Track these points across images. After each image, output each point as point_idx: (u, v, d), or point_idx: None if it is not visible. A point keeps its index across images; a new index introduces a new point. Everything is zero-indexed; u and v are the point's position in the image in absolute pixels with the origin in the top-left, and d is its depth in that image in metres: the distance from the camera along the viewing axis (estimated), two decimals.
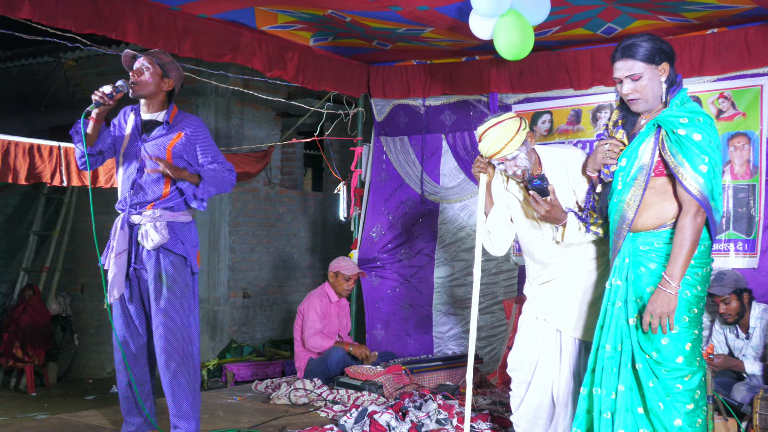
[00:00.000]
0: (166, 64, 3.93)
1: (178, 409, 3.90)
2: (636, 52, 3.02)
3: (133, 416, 4.05)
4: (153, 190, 3.89)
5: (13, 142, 4.59)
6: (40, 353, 7.79)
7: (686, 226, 2.93)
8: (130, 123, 3.97)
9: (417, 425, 4.26)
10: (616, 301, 3.09)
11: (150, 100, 3.93)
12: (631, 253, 3.09)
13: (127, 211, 3.93)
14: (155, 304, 3.86)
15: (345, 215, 6.65)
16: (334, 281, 5.94)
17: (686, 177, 2.92)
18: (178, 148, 3.91)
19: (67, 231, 8.83)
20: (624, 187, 3.09)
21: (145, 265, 3.89)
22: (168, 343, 3.86)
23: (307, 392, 5.26)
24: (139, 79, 3.86)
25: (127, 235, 3.92)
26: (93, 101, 3.68)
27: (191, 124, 3.98)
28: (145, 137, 3.92)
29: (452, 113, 6.27)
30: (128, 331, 3.99)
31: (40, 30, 4.40)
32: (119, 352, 3.99)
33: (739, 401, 4.24)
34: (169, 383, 3.88)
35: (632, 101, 3.08)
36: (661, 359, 2.98)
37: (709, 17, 4.80)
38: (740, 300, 4.51)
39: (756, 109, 5.02)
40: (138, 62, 3.89)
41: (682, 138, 2.93)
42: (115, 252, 3.91)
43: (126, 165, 3.96)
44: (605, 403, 3.06)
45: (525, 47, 4.26)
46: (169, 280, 3.86)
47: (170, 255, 3.88)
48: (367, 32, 5.55)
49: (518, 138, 3.40)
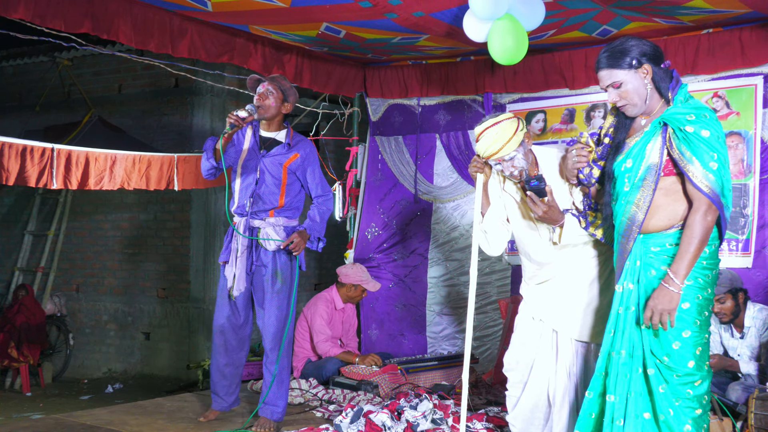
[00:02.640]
0: (287, 89, 4.46)
1: (278, 389, 4.44)
2: (613, 60, 3.02)
3: (228, 394, 4.61)
4: (270, 200, 4.43)
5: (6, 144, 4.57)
6: (35, 353, 7.79)
7: (695, 223, 2.90)
8: (248, 139, 4.47)
9: (412, 425, 4.26)
10: (630, 305, 3.06)
11: (270, 120, 4.45)
12: (642, 255, 3.06)
13: (248, 217, 4.42)
14: (270, 297, 4.42)
15: (340, 215, 6.65)
16: (348, 290, 5.91)
17: (696, 175, 2.89)
18: (293, 167, 4.45)
19: (62, 231, 8.83)
20: (632, 188, 3.05)
21: (263, 262, 4.42)
22: (278, 330, 4.43)
23: (302, 392, 5.27)
24: (264, 102, 4.37)
25: (248, 237, 4.43)
26: (228, 123, 4.13)
27: (306, 147, 4.53)
28: (264, 153, 4.43)
29: (446, 113, 6.27)
30: (233, 319, 4.53)
31: (35, 30, 4.39)
32: (218, 336, 4.54)
33: (734, 401, 4.25)
34: (274, 365, 4.42)
35: (622, 107, 3.10)
36: (672, 364, 2.95)
37: (704, 20, 4.81)
38: (735, 300, 4.51)
39: (750, 108, 5.02)
40: (263, 87, 4.41)
41: (690, 135, 2.90)
42: (240, 251, 4.42)
43: (244, 176, 4.46)
44: (619, 410, 3.02)
45: (519, 52, 4.27)
46: (283, 275, 4.42)
47: (285, 254, 4.43)
48: (361, 46, 5.58)
49: (516, 139, 3.41)
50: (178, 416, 4.75)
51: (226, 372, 4.58)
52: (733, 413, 4.11)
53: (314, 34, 5.26)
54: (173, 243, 8.22)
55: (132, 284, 8.50)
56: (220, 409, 4.64)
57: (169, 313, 8.20)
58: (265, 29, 5.20)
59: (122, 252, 8.56)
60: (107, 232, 8.69)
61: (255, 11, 4.73)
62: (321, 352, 5.71)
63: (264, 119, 4.43)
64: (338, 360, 5.63)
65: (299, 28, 5.15)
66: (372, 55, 5.98)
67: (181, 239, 8.14)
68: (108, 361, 8.62)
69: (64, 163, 4.83)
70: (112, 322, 8.62)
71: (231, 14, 4.83)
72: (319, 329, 5.72)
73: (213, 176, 4.38)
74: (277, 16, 4.83)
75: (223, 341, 4.54)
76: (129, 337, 8.50)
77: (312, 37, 5.32)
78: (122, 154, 5.23)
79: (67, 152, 4.88)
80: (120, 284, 8.60)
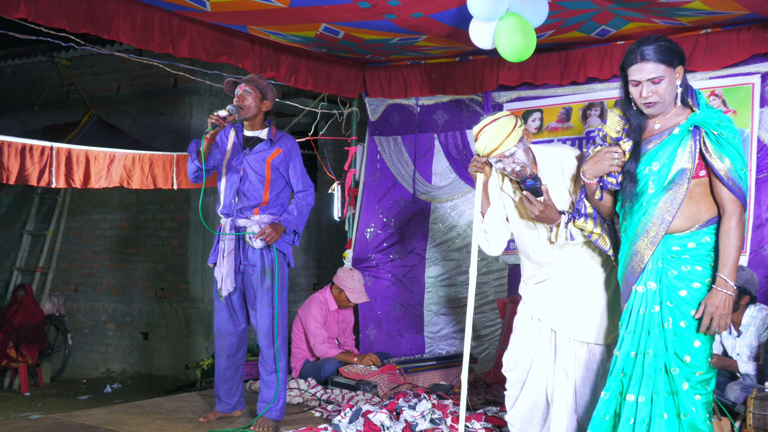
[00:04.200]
0: (264, 87, 4.50)
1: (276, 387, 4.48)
2: (663, 55, 3.02)
3: (229, 397, 4.65)
4: (255, 196, 4.46)
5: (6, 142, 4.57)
6: (34, 353, 7.78)
7: (736, 227, 3.00)
8: (231, 139, 4.53)
9: (411, 425, 4.27)
10: (653, 305, 3.10)
11: (252, 120, 4.50)
12: (662, 255, 3.11)
13: (234, 216, 4.45)
14: (260, 295, 4.46)
15: (339, 215, 6.65)
16: (338, 296, 5.89)
17: (731, 177, 2.97)
18: (276, 162, 4.50)
19: (61, 231, 8.83)
20: (659, 190, 3.08)
21: (252, 261, 4.45)
22: (272, 328, 4.46)
23: (301, 392, 5.27)
24: (243, 104, 4.41)
25: (235, 236, 4.46)
26: (209, 123, 4.18)
27: (288, 142, 4.59)
28: (248, 151, 4.49)
29: (445, 113, 6.27)
30: (231, 321, 4.58)
31: (34, 29, 4.40)
32: (220, 340, 4.58)
33: (733, 401, 4.25)
34: (270, 363, 4.48)
35: (650, 104, 3.07)
36: (693, 363, 3.02)
37: (702, 21, 4.81)
38: (738, 298, 4.51)
39: (747, 107, 5.03)
40: (240, 88, 4.46)
41: (722, 139, 2.98)
42: (226, 252, 4.46)
43: (228, 175, 4.52)
44: (644, 410, 3.07)
45: (528, 48, 4.22)
46: (272, 273, 4.46)
47: (273, 251, 4.46)
48: (360, 46, 5.58)
49: (515, 134, 3.40)
50: (177, 416, 4.76)
51: (227, 376, 4.63)
52: (732, 413, 4.12)
53: (313, 35, 5.26)
54: (172, 243, 8.22)
55: (130, 284, 8.50)
56: (222, 412, 4.68)
57: (167, 313, 8.20)
58: (264, 30, 5.21)
59: (121, 252, 8.56)
60: (106, 231, 8.69)
61: (254, 11, 4.73)
62: (319, 354, 5.69)
63: (246, 120, 4.49)
64: (337, 360, 5.63)
65: (298, 29, 5.16)
66: (371, 55, 5.99)
67: (180, 239, 8.14)
68: (106, 361, 8.62)
69: (64, 162, 4.85)
70: (110, 322, 8.62)
71: (230, 14, 4.84)
72: (314, 332, 5.71)
73: (198, 178, 4.42)
74: (275, 17, 4.83)
75: (225, 345, 4.59)
76: (127, 337, 8.50)
77: (311, 37, 5.33)
78: (121, 152, 5.24)
79: (66, 151, 4.88)
80: (118, 284, 8.60)
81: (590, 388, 3.53)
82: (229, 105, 4.32)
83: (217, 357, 4.65)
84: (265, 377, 4.51)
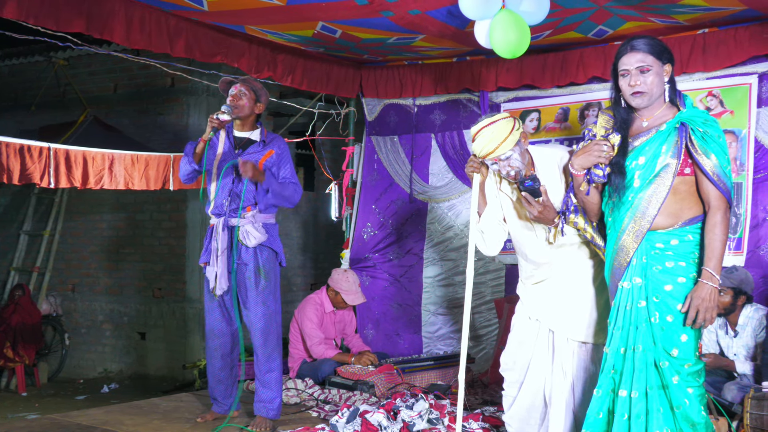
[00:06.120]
0: (258, 90, 4.55)
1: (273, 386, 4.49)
2: (651, 47, 3.11)
3: (226, 397, 4.64)
4: (248, 198, 4.45)
5: (4, 143, 4.57)
6: (31, 353, 7.77)
7: (721, 221, 3.04)
8: (222, 140, 4.53)
9: (408, 425, 4.27)
10: (639, 300, 3.14)
11: (244, 121, 4.52)
12: (646, 251, 3.14)
13: (226, 216, 4.44)
14: (254, 294, 4.45)
15: (336, 215, 6.65)
16: (334, 298, 5.87)
17: (716, 173, 3.02)
18: (269, 163, 4.50)
19: (58, 230, 8.82)
20: (644, 184, 3.13)
21: (245, 260, 4.45)
22: (266, 327, 4.46)
23: (298, 392, 5.27)
24: (238, 103, 4.44)
25: (227, 236, 4.45)
26: (210, 127, 4.27)
27: (279, 144, 4.60)
28: (240, 152, 4.50)
29: (442, 113, 6.28)
30: (224, 321, 4.57)
31: (31, 29, 4.37)
32: (213, 340, 4.57)
33: (730, 400, 4.25)
34: (265, 362, 4.48)
35: (636, 95, 3.12)
36: (681, 356, 3.06)
37: (700, 19, 4.82)
38: (734, 299, 4.51)
39: (744, 107, 5.04)
40: (235, 88, 4.49)
41: (707, 137, 3.04)
42: (219, 251, 4.45)
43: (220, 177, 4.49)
44: (639, 405, 3.09)
45: (521, 44, 4.23)
46: (265, 272, 4.47)
47: (266, 250, 4.48)
48: (357, 46, 5.58)
49: (512, 138, 3.41)
50: (174, 416, 4.75)
51: (221, 376, 4.61)
52: (729, 413, 4.12)
53: (310, 34, 5.26)
54: (169, 243, 8.21)
55: (127, 284, 8.49)
56: (219, 412, 4.67)
57: (164, 313, 8.19)
58: (261, 29, 5.20)
59: (118, 252, 8.55)
60: (103, 231, 8.68)
61: (251, 10, 4.73)
62: (315, 355, 5.69)
63: (238, 119, 4.51)
64: (334, 361, 5.62)
65: (295, 28, 5.16)
66: (368, 55, 5.99)
67: (177, 239, 8.14)
68: (104, 361, 8.61)
69: (64, 162, 4.85)
70: (107, 322, 8.61)
71: (227, 14, 4.83)
72: (310, 333, 5.70)
73: (192, 180, 4.47)
74: (273, 15, 4.83)
75: (217, 345, 4.57)
76: (125, 337, 8.49)
77: (308, 37, 5.32)
78: (119, 153, 5.24)
79: (65, 152, 4.87)
80: (116, 284, 8.59)
81: (588, 387, 3.52)
82: (224, 105, 4.36)
83: (211, 357, 4.62)
84: (260, 376, 4.51)
